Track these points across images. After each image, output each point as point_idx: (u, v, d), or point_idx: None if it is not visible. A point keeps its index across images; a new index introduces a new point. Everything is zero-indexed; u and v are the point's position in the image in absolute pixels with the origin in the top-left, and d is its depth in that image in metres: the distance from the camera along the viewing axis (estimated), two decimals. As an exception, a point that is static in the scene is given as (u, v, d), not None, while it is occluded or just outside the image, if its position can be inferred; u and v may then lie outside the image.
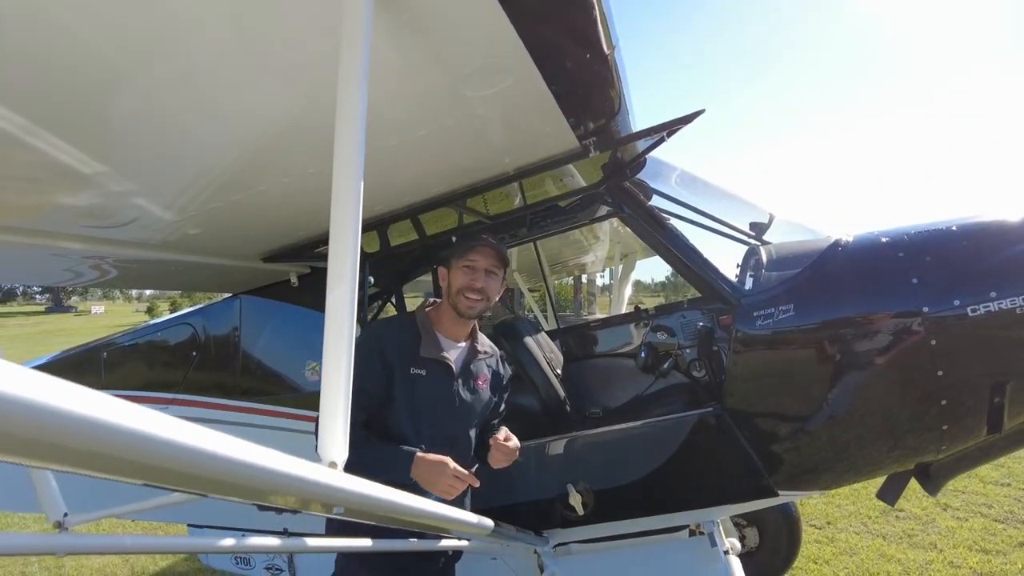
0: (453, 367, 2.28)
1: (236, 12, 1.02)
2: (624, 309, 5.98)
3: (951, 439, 2.50)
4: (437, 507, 1.26)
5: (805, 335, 2.45)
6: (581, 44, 1.43)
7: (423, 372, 2.21)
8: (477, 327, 2.40)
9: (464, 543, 2.19)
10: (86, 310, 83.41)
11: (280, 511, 0.93)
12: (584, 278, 13.59)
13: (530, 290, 6.85)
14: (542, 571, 2.81)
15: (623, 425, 2.70)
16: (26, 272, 3.45)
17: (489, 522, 1.68)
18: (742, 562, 4.31)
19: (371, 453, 2.03)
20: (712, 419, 2.52)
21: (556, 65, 1.47)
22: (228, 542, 1.34)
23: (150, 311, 51.96)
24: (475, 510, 2.23)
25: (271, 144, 1.52)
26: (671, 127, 2.23)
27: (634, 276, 6.79)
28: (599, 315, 7.34)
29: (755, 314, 2.50)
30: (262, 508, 0.96)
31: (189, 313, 3.77)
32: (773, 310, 2.50)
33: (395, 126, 1.61)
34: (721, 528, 3.45)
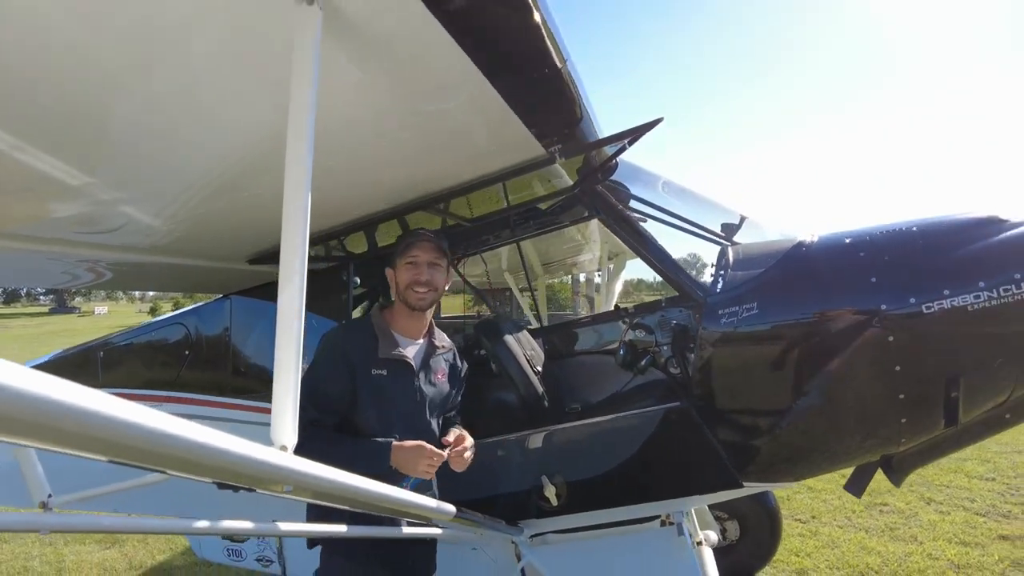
0: (413, 364, 2.38)
1: (200, 43, 1.14)
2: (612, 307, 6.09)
3: (910, 432, 2.59)
4: (392, 490, 1.37)
5: (767, 332, 2.54)
6: (531, 61, 1.54)
7: (384, 372, 2.31)
8: (433, 324, 2.53)
9: (437, 531, 2.30)
10: (89, 311, 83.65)
11: (237, 489, 1.04)
12: (583, 277, 13.67)
13: (522, 290, 6.95)
14: (519, 560, 2.92)
15: (594, 419, 2.81)
16: (26, 275, 3.58)
17: (451, 507, 1.79)
18: (723, 555, 4.45)
19: (348, 450, 2.15)
20: (678, 413, 2.62)
21: (509, 81, 1.58)
22: (202, 524, 1.46)
23: (153, 312, 52.18)
24: (454, 502, 2.34)
25: (243, 157, 1.64)
26: (633, 135, 2.33)
27: (625, 275, 6.89)
28: (584, 314, 7.45)
29: (719, 312, 2.60)
30: (221, 486, 1.07)
31: (182, 313, 3.89)
32: (737, 308, 2.59)
33: (356, 139, 1.72)
34: (695, 518, 3.58)
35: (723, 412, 2.62)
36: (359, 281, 3.49)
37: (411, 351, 2.41)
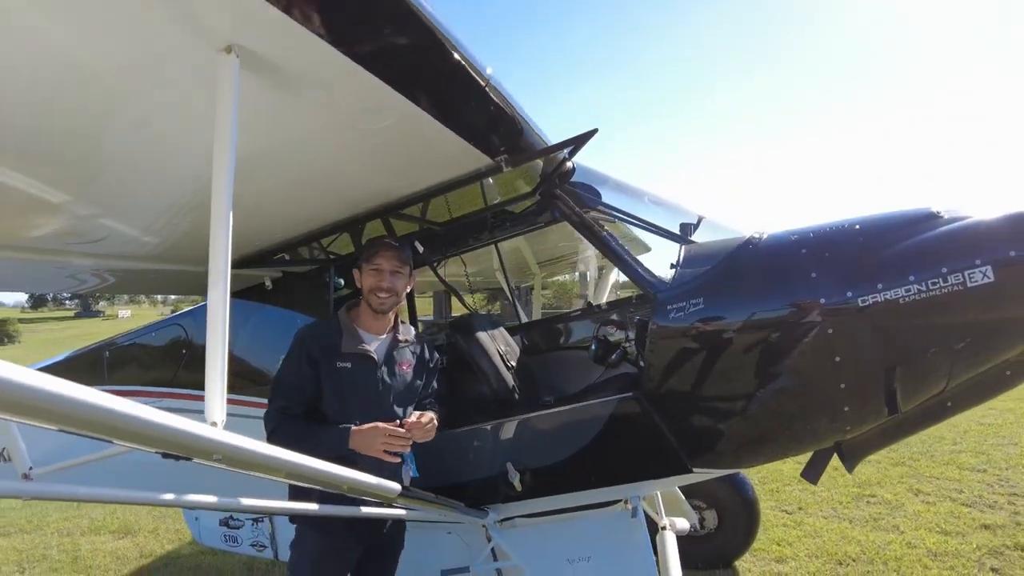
0: (375, 357, 2.60)
1: (141, 87, 1.36)
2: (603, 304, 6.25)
3: (854, 420, 2.71)
4: (321, 464, 1.56)
5: (712, 326, 2.69)
6: (451, 83, 1.72)
7: (348, 365, 2.54)
8: (398, 319, 2.76)
9: (401, 512, 2.51)
10: (113, 314, 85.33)
11: (178, 458, 1.23)
12: (591, 274, 13.86)
13: (516, 287, 7.14)
14: (489, 542, 3.11)
15: (553, 410, 2.98)
16: (34, 281, 3.84)
17: (395, 485, 1.98)
18: (702, 542, 4.60)
19: (312, 437, 2.38)
20: (630, 403, 2.78)
21: (435, 102, 1.77)
22: (167, 496, 1.66)
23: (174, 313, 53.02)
24: (426, 487, 2.55)
25: (196, 181, 1.87)
26: (573, 144, 2.51)
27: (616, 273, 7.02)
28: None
29: (668, 307, 2.75)
30: (165, 456, 1.27)
31: (180, 315, 4.14)
32: (685, 303, 2.74)
33: (294, 160, 1.93)
34: (661, 505, 3.74)
35: (672, 402, 2.76)
36: (343, 282, 3.70)
37: (374, 345, 2.64)
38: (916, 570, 4.40)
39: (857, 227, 2.73)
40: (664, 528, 3.41)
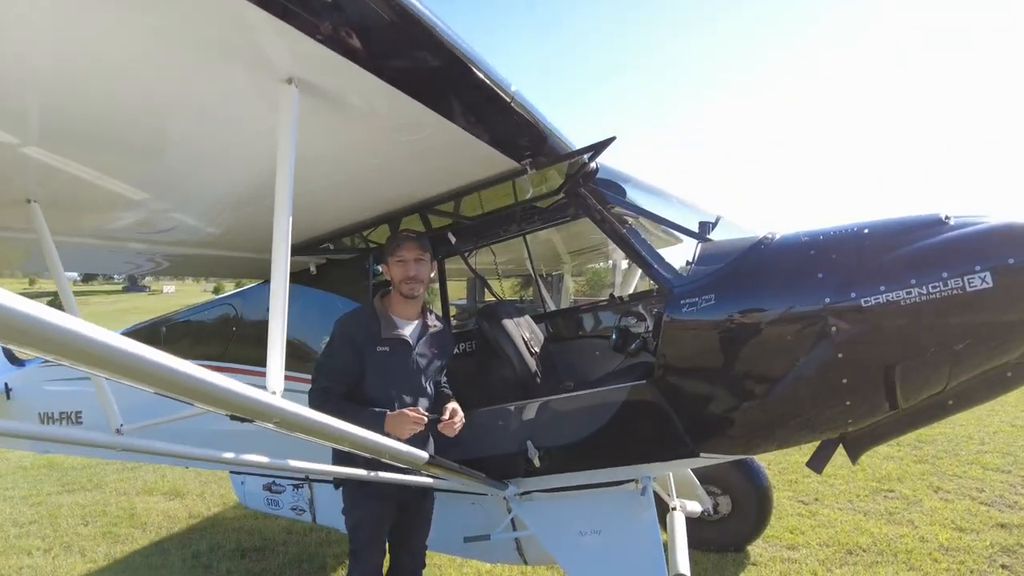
0: (410, 341, 2.94)
1: (213, 109, 1.63)
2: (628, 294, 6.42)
3: (855, 414, 2.85)
4: (364, 432, 1.81)
5: (722, 321, 2.85)
6: (480, 100, 1.94)
7: (387, 349, 2.87)
8: (425, 305, 3.07)
9: (428, 480, 2.78)
10: (159, 289, 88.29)
11: (242, 420, 1.50)
12: (624, 264, 14.00)
13: (544, 276, 7.36)
14: (509, 512, 3.36)
15: (571, 394, 3.21)
16: (96, 263, 4.22)
17: (423, 453, 2.23)
18: (716, 526, 4.78)
19: (353, 418, 2.66)
20: (643, 390, 2.98)
21: (466, 117, 1.99)
22: (228, 455, 1.95)
23: (216, 291, 54.95)
24: (453, 460, 2.81)
25: (255, 181, 2.15)
26: (592, 149, 2.71)
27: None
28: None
29: (682, 301, 2.93)
30: (233, 418, 1.54)
31: (230, 295, 4.48)
32: (697, 299, 2.92)
33: (344, 166, 2.21)
34: (673, 487, 3.94)
35: (682, 390, 2.95)
36: (381, 269, 3.97)
37: (408, 330, 2.95)
38: (926, 563, 4.51)
39: (865, 231, 2.84)
40: (674, 509, 3.61)
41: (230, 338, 4.16)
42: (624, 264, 8.34)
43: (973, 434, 7.72)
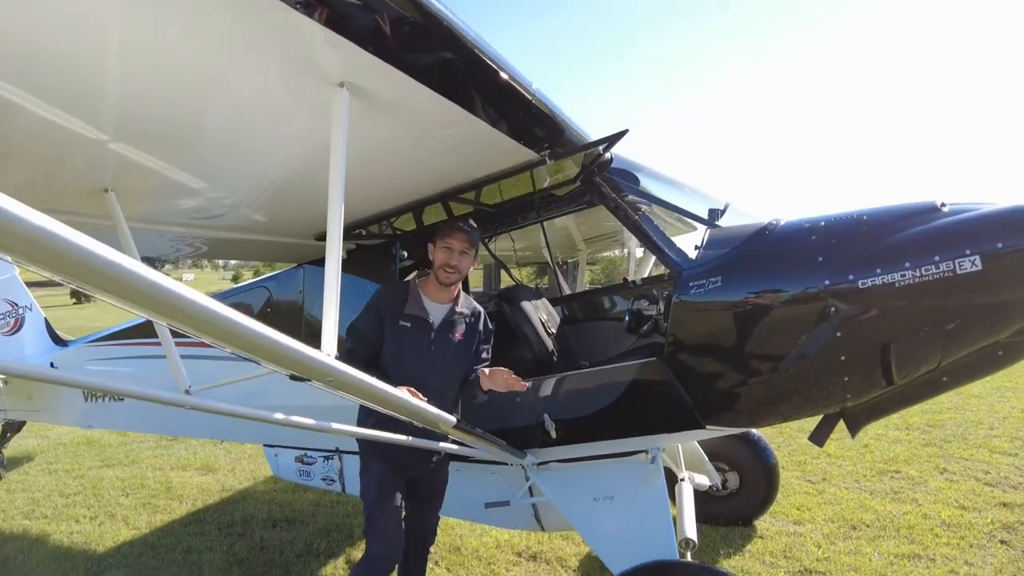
0: (432, 322, 3.09)
1: (270, 111, 1.88)
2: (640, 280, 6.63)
3: (853, 389, 3.03)
4: (404, 395, 2.06)
5: (728, 302, 3.05)
6: (503, 97, 2.16)
7: (408, 324, 3.03)
8: (461, 292, 3.22)
9: (452, 447, 3.02)
10: (178, 277, 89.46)
11: (301, 379, 1.74)
12: (639, 252, 14.19)
13: (563, 262, 7.58)
14: (527, 480, 3.61)
15: (587, 370, 3.43)
16: (146, 247, 4.50)
17: (451, 418, 2.46)
18: (724, 502, 4.99)
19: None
20: (653, 367, 3.19)
21: (491, 114, 2.21)
22: (279, 416, 2.20)
23: (235, 279, 55.89)
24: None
25: (298, 174, 2.39)
26: (606, 141, 2.91)
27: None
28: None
29: (690, 284, 3.13)
30: (293, 378, 1.78)
31: (265, 279, 4.75)
32: (705, 281, 3.11)
33: (381, 159, 2.44)
34: (682, 460, 4.16)
35: (690, 367, 3.16)
36: (406, 254, 4.21)
37: (433, 312, 3.11)
38: (926, 538, 4.70)
39: (864, 217, 3.02)
40: (682, 480, 3.82)
41: (265, 319, 4.42)
42: (639, 252, 8.52)
43: (983, 419, 7.84)
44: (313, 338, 1.81)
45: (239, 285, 4.92)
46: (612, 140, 2.87)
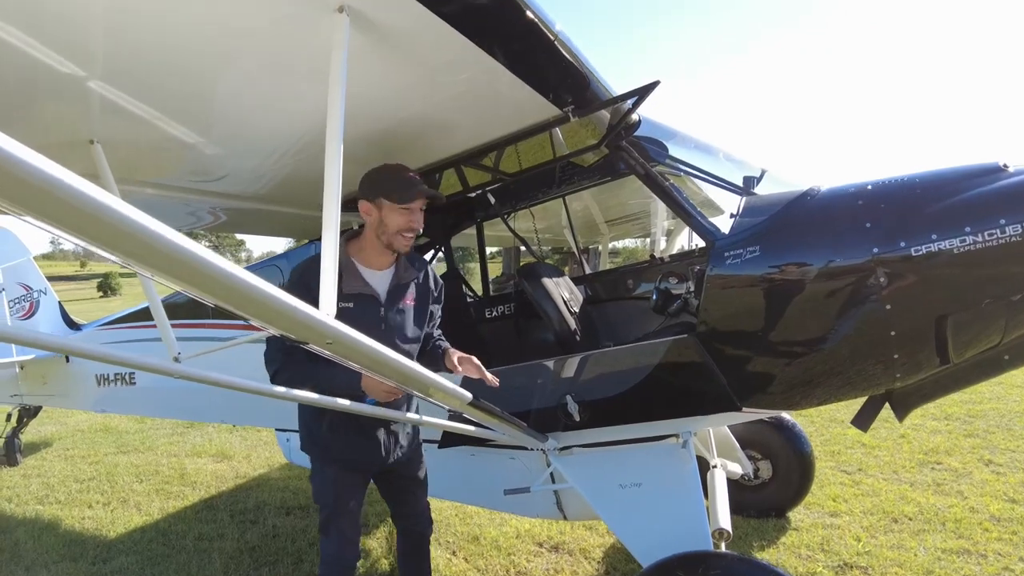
0: (379, 295, 2.61)
1: (261, 44, 1.68)
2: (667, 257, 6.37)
3: (904, 368, 2.77)
4: (412, 365, 1.86)
5: (766, 273, 2.80)
6: (524, 39, 1.92)
7: (351, 305, 2.45)
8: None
9: (470, 428, 2.82)
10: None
11: (298, 343, 1.54)
12: (655, 231, 13.95)
13: (585, 248, 7.34)
14: (548, 467, 3.39)
15: (612, 348, 3.20)
16: (160, 214, 4.37)
17: (467, 394, 2.25)
18: (756, 491, 4.74)
19: (325, 377, 2.43)
20: (685, 344, 2.95)
21: (510, 56, 1.97)
22: (279, 390, 2.02)
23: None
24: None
25: (303, 128, 2.21)
26: (637, 95, 2.64)
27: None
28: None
29: (725, 254, 2.88)
30: (291, 343, 1.58)
31: (276, 257, 4.59)
32: (741, 251, 2.87)
33: (385, 109, 2.23)
34: (714, 446, 3.92)
35: (724, 343, 2.92)
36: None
37: (376, 281, 2.63)
38: (975, 532, 4.40)
39: (917, 180, 2.76)
40: (715, 467, 3.59)
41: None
42: (659, 231, 8.19)
43: (1028, 410, 7.47)
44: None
45: (249, 265, 4.77)
46: (643, 93, 2.62)
